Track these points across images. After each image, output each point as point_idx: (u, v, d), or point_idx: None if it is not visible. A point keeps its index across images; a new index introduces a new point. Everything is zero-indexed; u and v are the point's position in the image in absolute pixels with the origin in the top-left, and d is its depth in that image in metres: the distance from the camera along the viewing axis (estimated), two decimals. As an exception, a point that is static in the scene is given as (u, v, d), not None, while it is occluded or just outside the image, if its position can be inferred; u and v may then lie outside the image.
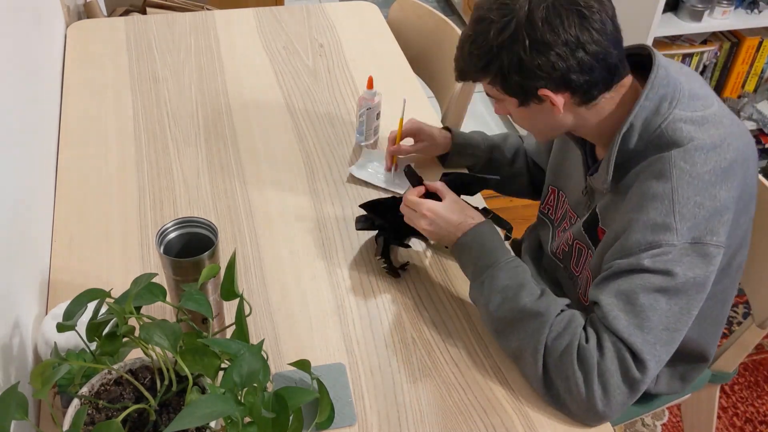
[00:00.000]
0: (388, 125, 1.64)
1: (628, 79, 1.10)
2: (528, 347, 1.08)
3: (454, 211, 1.21)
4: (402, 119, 1.46)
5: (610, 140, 1.12)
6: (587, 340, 1.04)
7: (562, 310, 1.08)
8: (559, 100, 1.06)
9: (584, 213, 1.25)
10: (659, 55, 1.10)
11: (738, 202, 1.06)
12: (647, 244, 1.03)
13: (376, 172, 1.52)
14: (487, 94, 1.15)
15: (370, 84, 1.51)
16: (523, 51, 1.02)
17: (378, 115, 1.56)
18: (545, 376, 1.07)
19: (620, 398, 1.03)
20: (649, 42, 2.36)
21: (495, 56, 1.04)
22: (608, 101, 1.09)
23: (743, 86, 2.73)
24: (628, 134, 1.08)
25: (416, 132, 1.48)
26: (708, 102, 1.10)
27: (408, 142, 1.50)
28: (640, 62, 1.12)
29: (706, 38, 2.58)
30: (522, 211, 2.65)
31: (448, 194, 1.24)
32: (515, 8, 1.02)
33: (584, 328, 1.06)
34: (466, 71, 1.12)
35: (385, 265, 1.29)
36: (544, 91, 1.06)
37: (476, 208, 1.26)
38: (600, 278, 1.09)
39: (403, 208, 1.26)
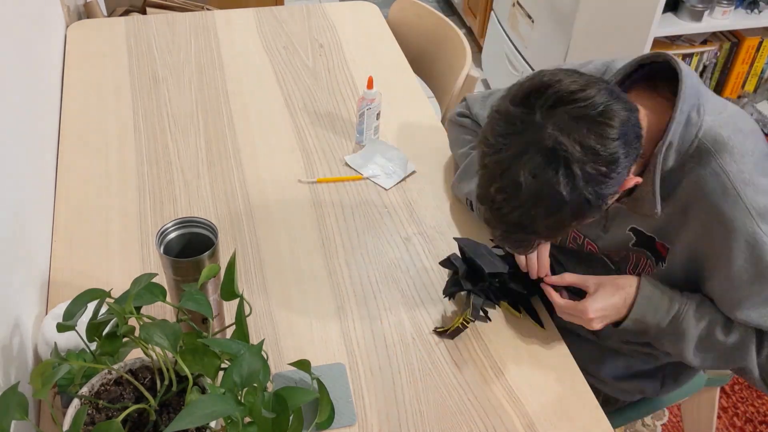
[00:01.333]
0: (388, 125, 1.64)
1: (641, 103, 1.05)
2: (745, 366, 1.10)
3: (612, 295, 1.14)
4: None
5: (643, 162, 1.07)
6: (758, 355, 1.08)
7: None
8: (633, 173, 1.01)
9: (599, 233, 1.22)
10: (682, 64, 1.06)
11: None
12: (756, 271, 1.04)
13: (373, 163, 1.53)
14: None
15: (370, 84, 1.51)
16: (602, 176, 0.92)
17: (378, 114, 1.56)
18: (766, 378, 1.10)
19: None
20: (649, 42, 2.36)
21: (580, 203, 0.93)
22: None
23: (743, 86, 2.73)
24: (667, 152, 1.05)
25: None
26: (723, 102, 1.10)
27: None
28: (650, 72, 1.09)
29: (706, 38, 2.58)
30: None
31: (588, 280, 1.16)
32: (558, 153, 0.90)
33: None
34: (542, 240, 1.03)
35: (472, 321, 1.20)
36: (629, 181, 1.00)
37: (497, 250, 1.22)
38: (749, 305, 1.07)
39: (561, 314, 1.18)
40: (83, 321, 0.93)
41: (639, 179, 1.02)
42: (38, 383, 0.84)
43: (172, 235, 1.06)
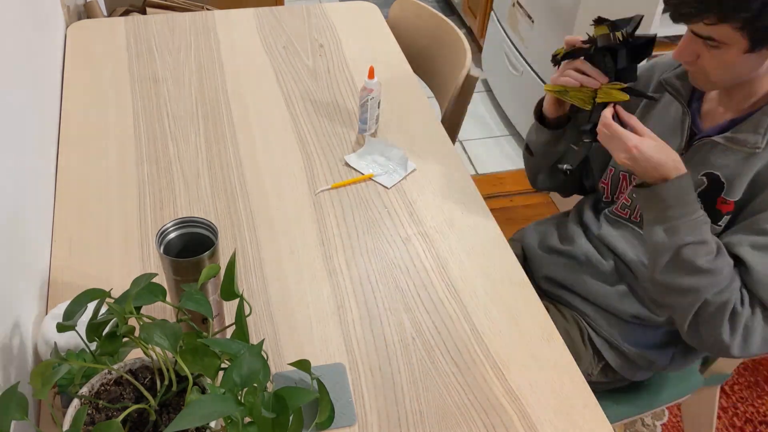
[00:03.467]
0: (388, 125, 1.64)
1: None
2: (689, 296, 1.15)
3: (659, 151, 1.14)
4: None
5: (740, 100, 1.15)
6: (742, 303, 1.12)
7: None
8: None
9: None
10: None
11: None
12: None
13: (373, 162, 1.53)
14: (700, 36, 1.09)
15: (372, 74, 1.52)
16: None
17: (378, 104, 1.57)
18: (692, 321, 1.16)
19: (757, 352, 1.14)
20: (649, 42, 2.36)
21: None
22: None
23: (743, 86, 2.73)
24: None
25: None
26: None
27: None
28: None
29: (706, 38, 2.58)
30: (523, 211, 2.65)
31: (646, 131, 1.17)
32: None
33: (741, 287, 1.13)
34: (714, 5, 1.03)
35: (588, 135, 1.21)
36: None
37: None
38: (753, 237, 1.13)
39: (601, 132, 1.18)
40: (83, 321, 0.93)
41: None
42: (38, 383, 0.84)
43: (172, 235, 1.06)
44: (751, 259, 1.12)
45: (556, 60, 1.25)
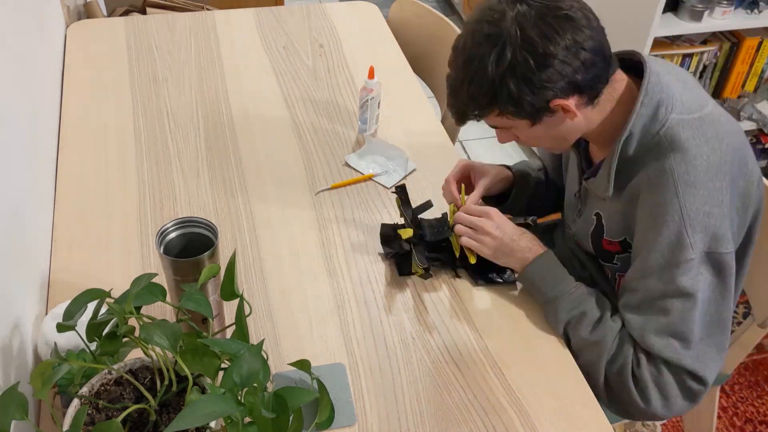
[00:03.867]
0: (388, 125, 1.65)
1: (621, 75, 1.12)
2: (590, 368, 1.16)
3: (520, 237, 1.22)
4: (463, 194, 1.34)
5: (609, 143, 1.13)
6: (639, 364, 1.10)
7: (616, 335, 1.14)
8: (571, 103, 1.07)
9: (574, 217, 1.27)
10: (650, 61, 1.11)
11: (742, 199, 1.09)
12: (666, 263, 1.06)
13: (373, 162, 1.54)
14: (493, 127, 1.15)
15: (371, 74, 1.52)
16: (528, 70, 1.02)
17: (378, 104, 1.57)
18: (606, 392, 1.16)
19: (682, 407, 1.12)
20: (649, 42, 2.36)
21: (500, 86, 1.04)
22: (608, 97, 1.11)
23: (743, 86, 2.73)
24: (627, 142, 1.10)
25: (469, 170, 1.37)
26: (703, 101, 1.11)
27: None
28: (632, 66, 1.13)
29: (706, 38, 2.58)
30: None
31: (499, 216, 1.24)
32: (503, 35, 1.02)
33: (634, 351, 1.12)
34: (469, 113, 1.11)
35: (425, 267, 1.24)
36: (557, 101, 1.06)
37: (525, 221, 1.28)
38: (635, 302, 1.12)
39: (459, 228, 1.24)
40: (83, 321, 0.93)
41: (574, 112, 1.07)
42: (38, 383, 0.84)
43: (172, 235, 1.06)
44: (630, 318, 1.12)
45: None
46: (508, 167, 1.41)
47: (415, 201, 1.46)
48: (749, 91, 2.74)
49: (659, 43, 2.49)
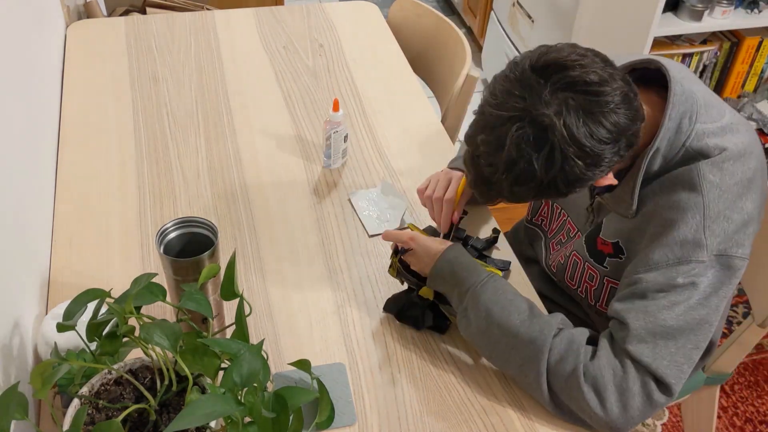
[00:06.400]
0: (388, 125, 1.64)
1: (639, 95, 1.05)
2: (529, 373, 1.06)
3: (433, 240, 1.18)
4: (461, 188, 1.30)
5: (628, 158, 1.06)
6: (592, 357, 1.03)
7: (559, 329, 1.06)
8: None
9: (587, 228, 1.24)
10: (672, 68, 1.06)
11: (760, 211, 1.07)
12: (676, 259, 1.03)
13: (375, 206, 1.44)
14: None
15: (336, 107, 1.44)
16: (580, 173, 0.96)
17: (345, 138, 1.50)
18: (553, 398, 1.07)
19: (640, 416, 1.03)
20: (649, 42, 2.36)
21: (548, 186, 0.97)
22: None
23: (743, 86, 2.73)
24: (653, 158, 1.05)
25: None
26: (721, 110, 1.09)
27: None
28: (645, 75, 1.09)
29: (706, 38, 2.58)
30: (522, 211, 2.64)
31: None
32: (549, 137, 0.93)
33: (589, 344, 1.05)
34: (504, 201, 1.07)
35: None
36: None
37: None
38: (626, 293, 1.07)
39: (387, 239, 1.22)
40: (83, 321, 0.93)
41: (614, 181, 1.04)
42: (38, 383, 0.84)
43: (172, 235, 1.06)
44: (625, 314, 1.05)
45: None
46: None
47: (415, 201, 1.46)
48: (749, 91, 2.75)
49: (659, 42, 2.49)
